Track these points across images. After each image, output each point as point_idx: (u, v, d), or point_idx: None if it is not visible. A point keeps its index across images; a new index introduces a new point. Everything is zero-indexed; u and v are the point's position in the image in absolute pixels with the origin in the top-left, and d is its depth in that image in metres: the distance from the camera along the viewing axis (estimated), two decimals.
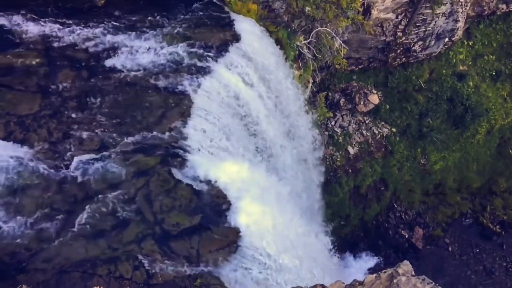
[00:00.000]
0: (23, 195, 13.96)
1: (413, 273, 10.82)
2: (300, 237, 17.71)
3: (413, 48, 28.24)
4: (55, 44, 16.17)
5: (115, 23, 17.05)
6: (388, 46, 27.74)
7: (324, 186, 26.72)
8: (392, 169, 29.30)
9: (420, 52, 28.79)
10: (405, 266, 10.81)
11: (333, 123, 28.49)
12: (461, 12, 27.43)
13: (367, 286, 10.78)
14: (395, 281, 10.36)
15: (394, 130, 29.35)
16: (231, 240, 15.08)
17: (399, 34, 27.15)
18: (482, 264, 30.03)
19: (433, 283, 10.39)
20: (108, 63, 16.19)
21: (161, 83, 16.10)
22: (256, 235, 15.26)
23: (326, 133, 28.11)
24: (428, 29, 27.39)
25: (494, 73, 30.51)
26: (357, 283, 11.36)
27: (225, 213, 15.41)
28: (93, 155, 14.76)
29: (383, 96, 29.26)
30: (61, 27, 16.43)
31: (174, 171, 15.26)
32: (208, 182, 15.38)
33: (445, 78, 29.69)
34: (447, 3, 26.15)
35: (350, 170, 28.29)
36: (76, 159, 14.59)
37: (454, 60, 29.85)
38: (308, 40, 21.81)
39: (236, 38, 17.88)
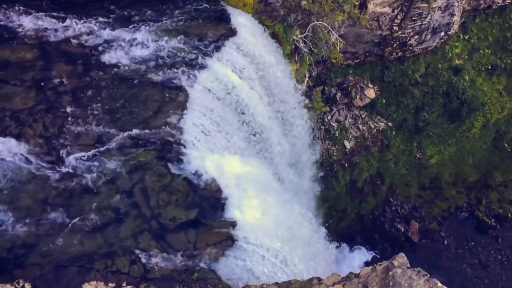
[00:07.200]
0: (19, 190, 13.93)
1: (409, 265, 10.90)
2: (296, 231, 17.77)
3: (409, 42, 28.23)
4: (50, 39, 16.07)
5: (110, 17, 16.96)
6: (384, 40, 27.71)
7: (320, 180, 26.81)
8: (388, 163, 29.37)
9: (416, 46, 28.78)
10: (401, 259, 10.88)
11: (329, 117, 28.51)
12: (457, 6, 27.40)
13: (363, 279, 10.86)
14: (390, 273, 10.43)
15: (390, 124, 29.39)
16: (227, 234, 15.13)
17: (395, 28, 27.12)
18: (477, 257, 30.20)
19: (428, 275, 10.47)
20: (104, 57, 16.12)
21: (157, 77, 16.06)
22: (252, 229, 15.31)
23: (323, 127, 28.14)
24: (424, 23, 27.36)
25: (490, 67, 30.53)
26: (353, 276, 11.44)
27: (222, 207, 15.45)
28: (89, 150, 14.74)
29: (379, 90, 29.28)
30: (56, 21, 16.33)
31: (171, 165, 15.26)
32: (205, 176, 15.40)
33: (441, 72, 29.70)
34: None
35: (346, 165, 28.35)
36: (72, 154, 14.56)
37: (450, 54, 29.84)
38: (304, 34, 21.76)
39: (232, 32, 17.83)
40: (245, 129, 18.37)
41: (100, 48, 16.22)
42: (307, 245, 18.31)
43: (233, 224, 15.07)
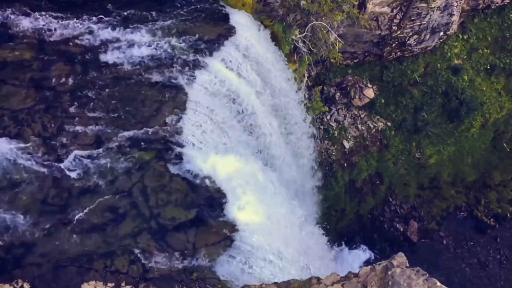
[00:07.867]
0: (18, 190, 13.92)
1: (408, 265, 10.90)
2: (295, 231, 17.77)
3: (408, 42, 28.24)
4: (49, 38, 16.06)
5: (109, 17, 16.95)
6: (383, 40, 27.73)
7: (320, 180, 26.81)
8: (387, 163, 29.40)
9: (415, 46, 28.80)
10: (400, 258, 10.88)
11: (328, 117, 28.52)
12: (456, 6, 27.43)
13: (362, 278, 10.86)
14: (389, 272, 10.44)
15: (389, 124, 29.41)
16: (227, 234, 15.14)
17: (394, 28, 27.13)
18: (476, 257, 30.25)
19: (427, 275, 10.47)
20: (103, 57, 16.10)
21: (156, 77, 16.05)
22: (251, 229, 15.31)
23: (322, 127, 28.15)
24: (423, 23, 27.39)
25: (488, 67, 30.56)
26: (352, 275, 11.45)
27: (221, 207, 15.45)
28: (88, 150, 14.73)
29: (378, 90, 29.30)
30: (55, 21, 16.31)
31: (170, 165, 15.26)
32: (204, 176, 15.40)
33: (440, 72, 29.72)
34: None
35: (345, 164, 28.36)
36: (71, 154, 14.55)
37: (449, 54, 29.87)
38: (303, 34, 21.76)
39: (231, 31, 17.82)
40: (245, 128, 18.36)
41: (99, 48, 16.21)
42: (306, 245, 18.31)
43: (232, 224, 15.08)
